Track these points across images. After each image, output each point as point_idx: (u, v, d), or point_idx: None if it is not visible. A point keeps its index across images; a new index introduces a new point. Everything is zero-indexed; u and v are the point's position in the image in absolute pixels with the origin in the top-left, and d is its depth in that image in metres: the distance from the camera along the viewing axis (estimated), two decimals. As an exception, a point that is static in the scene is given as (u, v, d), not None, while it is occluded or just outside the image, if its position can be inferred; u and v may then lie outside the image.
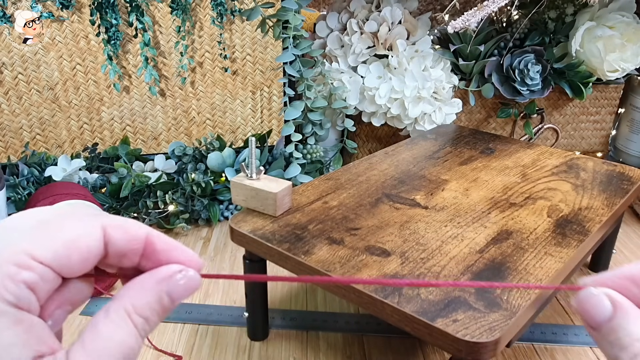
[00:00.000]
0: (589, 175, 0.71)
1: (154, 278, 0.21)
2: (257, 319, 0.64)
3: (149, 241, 0.22)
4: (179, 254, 0.22)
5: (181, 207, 0.87)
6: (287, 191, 0.58)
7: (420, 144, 0.81)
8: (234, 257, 0.82)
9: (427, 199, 0.63)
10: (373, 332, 0.66)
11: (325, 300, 0.72)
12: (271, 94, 1.02)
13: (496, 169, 0.72)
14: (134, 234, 0.21)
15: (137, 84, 0.95)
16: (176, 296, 0.21)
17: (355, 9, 0.99)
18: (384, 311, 0.45)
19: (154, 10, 0.90)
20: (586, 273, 0.80)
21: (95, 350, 0.19)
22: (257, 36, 0.96)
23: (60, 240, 0.19)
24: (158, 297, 0.21)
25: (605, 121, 1.07)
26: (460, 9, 1.06)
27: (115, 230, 0.21)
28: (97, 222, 0.20)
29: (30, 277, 0.19)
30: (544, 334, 0.66)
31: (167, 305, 0.21)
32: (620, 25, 0.95)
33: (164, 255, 0.22)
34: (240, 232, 0.56)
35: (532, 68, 0.95)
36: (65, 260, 0.19)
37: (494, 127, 1.05)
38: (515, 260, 0.51)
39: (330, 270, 0.49)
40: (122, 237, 0.21)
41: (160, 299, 0.21)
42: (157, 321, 0.21)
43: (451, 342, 0.41)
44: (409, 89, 0.92)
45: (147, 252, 0.22)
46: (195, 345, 0.64)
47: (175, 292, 0.21)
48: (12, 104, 0.91)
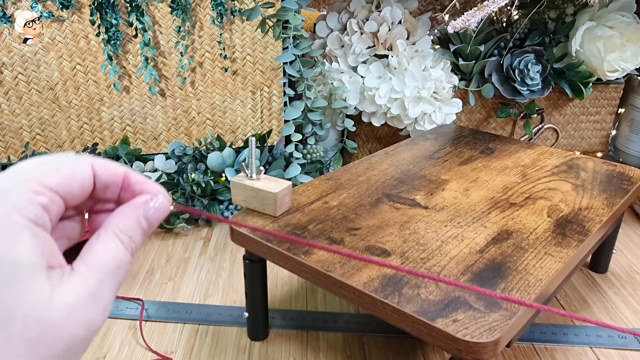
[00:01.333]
0: (589, 175, 0.71)
1: (132, 205, 0.26)
2: (257, 319, 0.64)
3: (126, 176, 0.27)
4: (149, 187, 0.27)
5: (181, 207, 0.87)
6: (287, 191, 0.58)
7: (420, 144, 0.81)
8: (234, 257, 0.82)
9: (427, 199, 0.63)
10: (373, 332, 0.66)
11: (325, 300, 0.72)
12: (271, 94, 1.02)
13: (496, 169, 0.72)
14: (114, 170, 0.26)
15: (137, 84, 0.95)
16: (151, 218, 0.26)
17: (355, 9, 0.99)
18: (384, 311, 0.45)
19: (154, 10, 0.90)
20: (586, 273, 0.80)
21: (93, 263, 0.24)
22: (257, 36, 0.96)
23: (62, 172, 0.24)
24: (137, 219, 0.26)
25: (605, 121, 1.07)
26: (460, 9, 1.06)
27: (100, 166, 0.26)
28: (86, 161, 0.25)
29: (44, 200, 0.23)
30: (544, 334, 0.66)
31: (145, 226, 0.26)
32: (620, 25, 0.95)
33: (138, 187, 0.27)
34: (240, 232, 0.56)
35: (532, 68, 0.95)
36: (68, 188, 0.24)
37: (494, 127, 1.05)
38: (515, 260, 0.51)
39: (330, 270, 0.49)
40: (106, 172, 0.26)
41: (139, 221, 0.26)
42: (140, 240, 0.26)
43: (451, 342, 0.41)
44: (409, 89, 0.92)
45: (125, 185, 0.27)
46: (195, 345, 0.64)
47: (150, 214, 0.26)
48: (12, 104, 0.91)
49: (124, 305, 0.70)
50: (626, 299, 0.74)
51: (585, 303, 0.73)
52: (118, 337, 0.65)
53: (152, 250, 0.84)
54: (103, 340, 0.64)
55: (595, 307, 0.72)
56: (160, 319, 0.68)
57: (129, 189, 0.27)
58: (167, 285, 0.75)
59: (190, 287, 0.75)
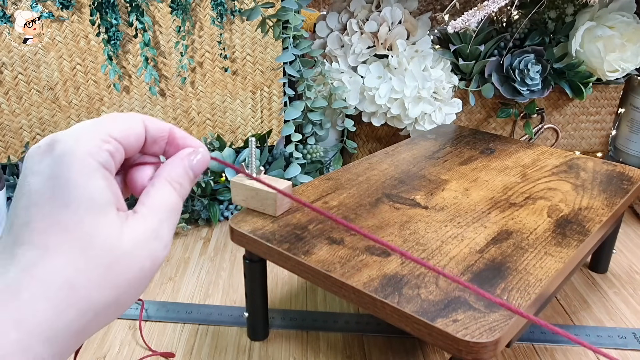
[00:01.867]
0: (589, 175, 0.71)
1: (179, 157, 0.29)
2: (257, 319, 0.64)
3: (171, 131, 0.30)
4: (192, 141, 0.30)
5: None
6: (287, 191, 0.58)
7: (420, 144, 0.81)
8: (234, 257, 0.82)
9: (427, 199, 0.63)
10: (373, 332, 0.66)
11: (325, 300, 0.72)
12: (271, 94, 1.02)
13: (496, 169, 0.72)
14: (162, 125, 0.29)
15: (137, 84, 0.95)
16: (195, 168, 0.30)
17: (355, 9, 0.99)
18: (384, 311, 0.45)
19: (154, 10, 0.90)
20: (586, 273, 0.80)
21: (152, 205, 0.27)
22: (257, 36, 0.96)
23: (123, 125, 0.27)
24: (184, 169, 0.29)
25: (605, 121, 1.07)
26: (460, 9, 1.06)
27: (150, 122, 0.29)
28: (138, 117, 0.28)
29: (111, 148, 0.26)
30: (544, 334, 0.66)
31: (191, 175, 0.30)
32: (620, 25, 0.95)
33: (181, 141, 0.30)
34: (240, 232, 0.56)
35: (532, 68, 0.95)
36: (127, 139, 0.27)
37: (494, 127, 1.05)
38: (515, 260, 0.51)
39: (331, 270, 0.49)
40: (155, 127, 0.29)
41: (186, 170, 0.29)
42: (188, 186, 0.29)
43: (451, 342, 0.41)
44: (409, 89, 0.92)
45: (170, 139, 0.30)
46: (195, 345, 0.64)
47: (194, 165, 0.30)
48: (12, 104, 0.91)
49: (124, 305, 0.70)
50: (626, 299, 0.74)
51: (585, 303, 0.73)
52: (118, 337, 0.65)
53: (152, 250, 0.84)
54: (103, 340, 0.64)
55: (595, 307, 0.72)
56: (160, 319, 0.68)
57: (174, 143, 0.30)
58: (167, 285, 0.75)
59: (190, 287, 0.75)
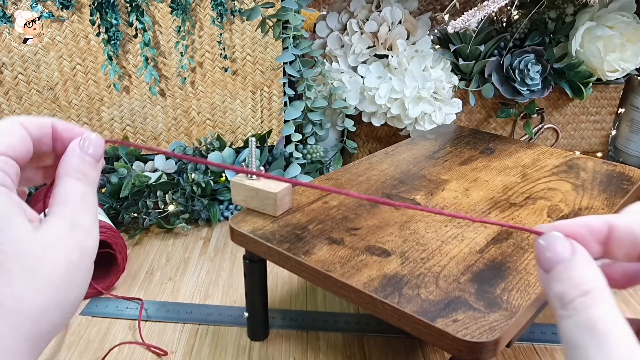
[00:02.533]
0: (589, 175, 0.71)
1: (69, 150, 0.29)
2: (257, 319, 0.64)
3: (53, 125, 0.30)
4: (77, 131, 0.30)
5: (181, 207, 0.87)
6: (287, 191, 0.58)
7: (420, 144, 0.81)
8: (234, 257, 0.82)
9: (427, 199, 0.63)
10: (373, 332, 0.66)
11: (325, 300, 0.72)
12: (271, 94, 1.02)
13: (496, 169, 0.72)
14: (42, 122, 0.29)
15: (137, 84, 0.95)
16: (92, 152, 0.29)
17: (355, 9, 0.99)
18: (384, 311, 0.45)
19: (154, 10, 0.90)
20: (586, 273, 0.80)
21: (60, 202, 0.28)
22: (257, 36, 0.96)
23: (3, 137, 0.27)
24: (79, 158, 0.29)
25: (605, 121, 1.07)
26: (460, 9, 1.06)
27: (28, 122, 0.29)
28: (14, 120, 0.28)
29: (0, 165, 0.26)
30: (544, 334, 0.66)
31: (90, 161, 0.29)
32: (620, 25, 0.95)
33: (67, 133, 0.30)
34: (240, 232, 0.56)
35: (532, 68, 0.95)
36: (12, 148, 0.27)
37: (494, 127, 1.05)
38: (515, 260, 0.51)
39: (330, 270, 0.49)
40: (34, 125, 0.29)
41: (82, 158, 0.29)
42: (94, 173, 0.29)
43: (451, 342, 0.41)
44: (409, 89, 0.92)
45: (54, 135, 0.30)
46: (195, 345, 0.64)
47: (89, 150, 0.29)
48: (12, 104, 0.91)
49: (123, 305, 0.70)
50: (626, 299, 0.74)
51: (585, 303, 0.73)
52: (118, 337, 0.65)
53: (152, 250, 0.84)
54: (103, 340, 0.64)
55: (595, 307, 0.72)
56: (160, 319, 0.68)
57: (59, 138, 0.30)
58: (167, 285, 0.75)
59: (190, 287, 0.75)
